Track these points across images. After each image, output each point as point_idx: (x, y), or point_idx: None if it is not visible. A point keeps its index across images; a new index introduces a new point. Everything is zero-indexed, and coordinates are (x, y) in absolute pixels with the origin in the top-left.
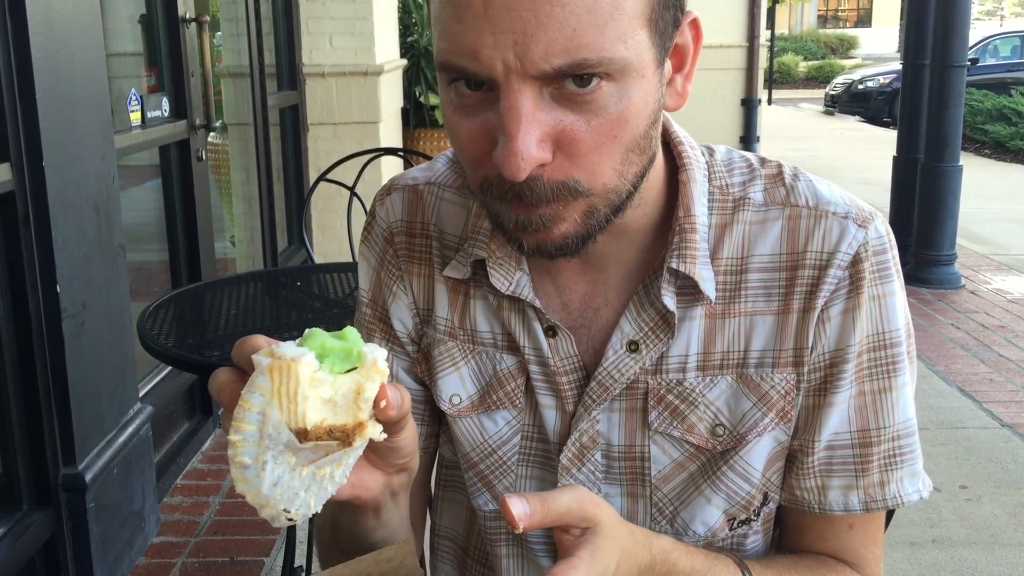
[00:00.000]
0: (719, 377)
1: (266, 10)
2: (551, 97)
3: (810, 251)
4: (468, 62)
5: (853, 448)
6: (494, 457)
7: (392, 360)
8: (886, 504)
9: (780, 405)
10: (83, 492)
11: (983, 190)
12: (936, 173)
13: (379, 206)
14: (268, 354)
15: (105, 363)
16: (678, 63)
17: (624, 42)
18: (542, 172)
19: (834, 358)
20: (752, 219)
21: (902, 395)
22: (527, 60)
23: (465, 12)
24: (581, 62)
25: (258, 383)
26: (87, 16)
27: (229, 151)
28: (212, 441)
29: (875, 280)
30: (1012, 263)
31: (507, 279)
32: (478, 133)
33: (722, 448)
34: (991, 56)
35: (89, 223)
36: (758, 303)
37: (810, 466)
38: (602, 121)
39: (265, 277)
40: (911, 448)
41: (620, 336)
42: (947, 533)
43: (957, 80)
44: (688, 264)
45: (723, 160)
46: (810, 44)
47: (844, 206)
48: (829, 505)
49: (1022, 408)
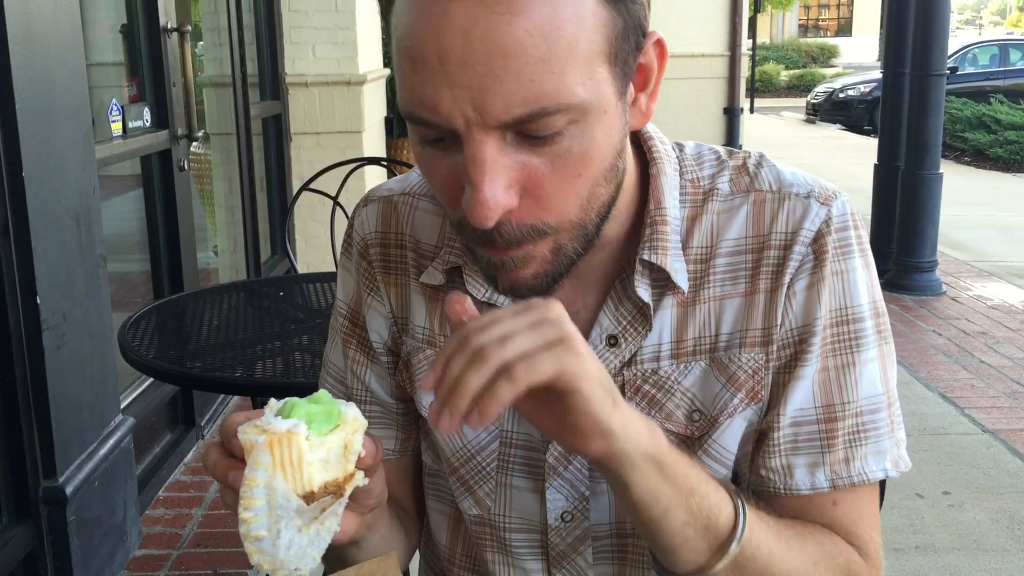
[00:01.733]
0: (693, 363)
1: (249, 20)
2: (514, 142)
3: (775, 232)
4: (428, 114)
5: (818, 423)
6: (473, 463)
7: (368, 374)
8: (851, 481)
9: (749, 385)
10: (64, 505)
11: (963, 197)
12: (917, 181)
13: (356, 218)
14: (258, 430)
15: (86, 375)
16: (642, 82)
17: (583, 84)
18: (510, 217)
19: (801, 333)
20: (720, 208)
21: (866, 370)
22: (486, 113)
23: (422, 66)
24: (540, 110)
25: (260, 460)
26: (67, 26)
27: (212, 161)
28: (194, 453)
29: (838, 255)
30: (992, 269)
31: (483, 285)
32: (448, 177)
33: (699, 433)
34: (970, 65)
35: (69, 234)
36: (726, 287)
37: (776, 443)
38: (566, 162)
39: (248, 287)
40: (875, 425)
41: (599, 331)
42: (930, 539)
43: (937, 88)
44: (660, 255)
45: (693, 154)
46: (791, 53)
47: (806, 186)
48: (795, 484)
49: (1003, 414)
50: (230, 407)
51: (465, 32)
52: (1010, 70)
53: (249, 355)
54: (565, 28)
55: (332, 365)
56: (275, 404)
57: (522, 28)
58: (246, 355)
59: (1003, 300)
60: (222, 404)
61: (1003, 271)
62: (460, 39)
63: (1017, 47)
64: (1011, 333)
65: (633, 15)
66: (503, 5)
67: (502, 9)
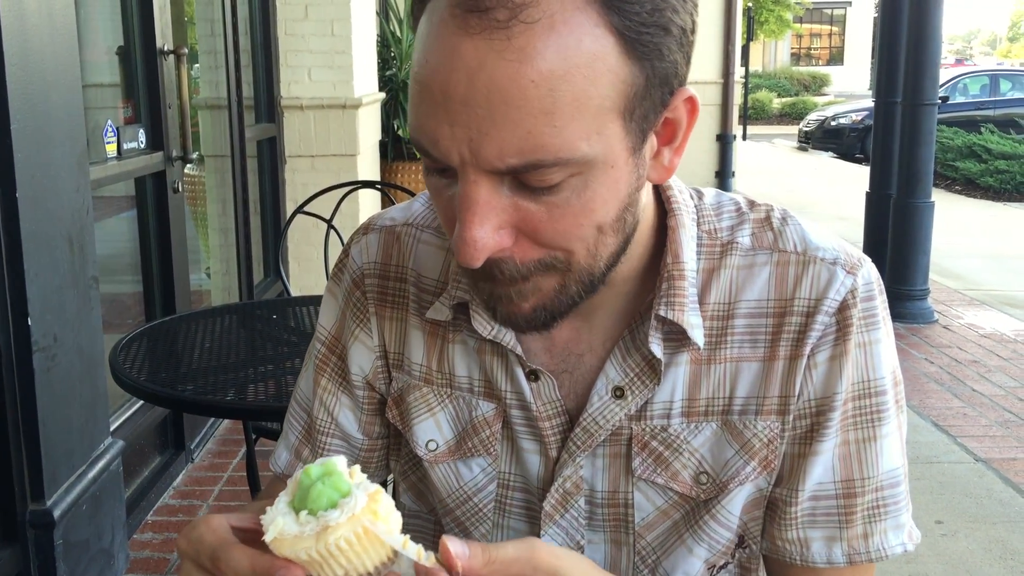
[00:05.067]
0: (704, 424)
1: (245, 43)
2: (511, 186)
3: (798, 297)
4: (429, 146)
5: (837, 499)
6: (469, 504)
7: (337, 406)
8: (869, 557)
9: (763, 454)
10: (51, 529)
11: (955, 226)
12: (908, 209)
13: (354, 245)
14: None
15: (76, 397)
16: (668, 136)
17: (587, 140)
18: (511, 254)
19: (820, 406)
20: (740, 264)
21: (886, 444)
22: (480, 157)
23: (428, 97)
24: (535, 163)
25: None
26: (64, 47)
27: (206, 183)
28: (184, 476)
29: (862, 327)
30: (984, 298)
31: (489, 323)
32: (448, 208)
33: (705, 496)
34: (961, 94)
35: (62, 255)
36: (744, 349)
37: (793, 516)
38: (564, 212)
39: (240, 310)
40: (895, 499)
41: (605, 382)
42: (923, 568)
43: (928, 118)
44: (676, 312)
45: (712, 204)
46: (784, 81)
47: (833, 252)
48: (812, 557)
49: (996, 443)
50: (221, 430)
51: (471, 72)
52: (1000, 100)
53: (241, 378)
54: (575, 82)
55: (300, 392)
56: (284, 498)
57: (528, 77)
58: (238, 378)
59: (995, 329)
60: (212, 427)
61: (995, 300)
62: (465, 78)
63: (1007, 77)
64: (1003, 362)
65: (659, 72)
66: (513, 51)
67: (512, 55)
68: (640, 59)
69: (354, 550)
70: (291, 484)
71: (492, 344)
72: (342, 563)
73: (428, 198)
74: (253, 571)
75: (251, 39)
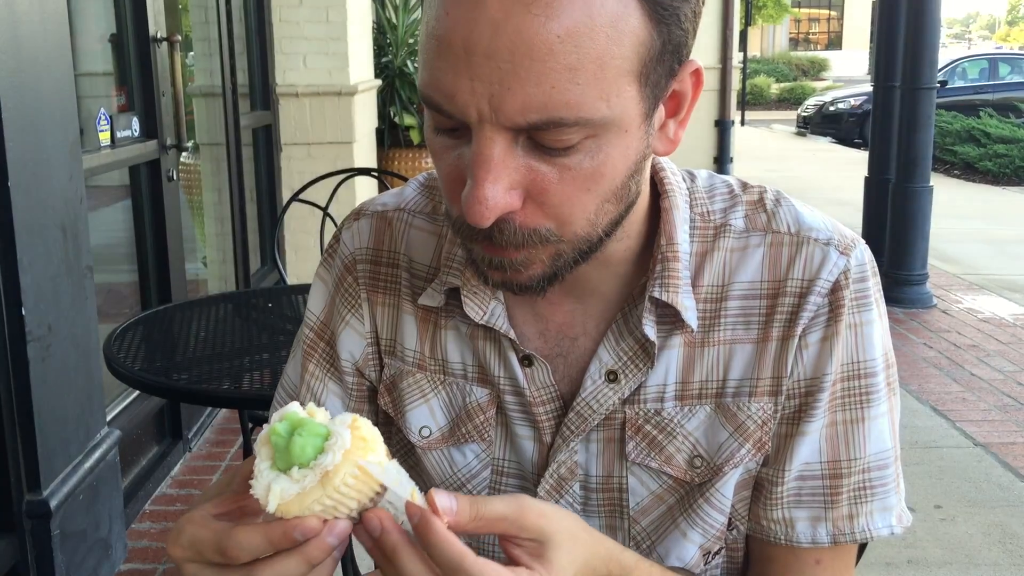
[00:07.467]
0: (697, 407)
1: (239, 30)
2: (524, 146)
3: (791, 278)
4: (444, 101)
5: (823, 479)
6: (463, 491)
7: (324, 392)
8: (854, 537)
9: (757, 436)
10: (48, 519)
11: (953, 210)
12: (907, 194)
13: (345, 231)
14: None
15: (71, 387)
16: (673, 108)
17: (607, 100)
18: (513, 217)
19: (810, 386)
20: (733, 246)
21: (875, 426)
22: (501, 112)
23: (447, 51)
24: (557, 120)
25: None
26: (55, 35)
27: (201, 171)
28: (181, 466)
29: (854, 308)
30: (983, 283)
31: (481, 308)
32: (453, 168)
33: (699, 480)
34: (959, 78)
35: (56, 244)
36: (737, 331)
37: (779, 496)
38: (575, 175)
39: (236, 299)
40: (883, 481)
41: (599, 365)
42: (922, 553)
43: (927, 102)
44: (670, 293)
45: (704, 186)
46: (782, 66)
47: (826, 232)
48: (796, 537)
49: (995, 427)
50: (218, 419)
51: (496, 24)
52: (999, 84)
53: (237, 367)
54: (599, 40)
55: (287, 378)
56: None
57: (554, 32)
58: (234, 367)
59: (994, 313)
60: (209, 417)
61: (993, 284)
62: (489, 31)
63: (1006, 61)
64: (1002, 346)
65: (674, 39)
66: (540, 6)
67: (538, 9)
68: (659, 23)
69: (357, 486)
70: (262, 450)
71: (485, 329)
72: (354, 496)
73: (420, 184)
74: (269, 543)
75: (245, 26)
